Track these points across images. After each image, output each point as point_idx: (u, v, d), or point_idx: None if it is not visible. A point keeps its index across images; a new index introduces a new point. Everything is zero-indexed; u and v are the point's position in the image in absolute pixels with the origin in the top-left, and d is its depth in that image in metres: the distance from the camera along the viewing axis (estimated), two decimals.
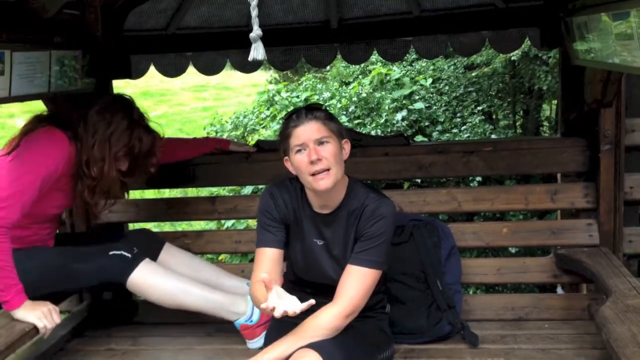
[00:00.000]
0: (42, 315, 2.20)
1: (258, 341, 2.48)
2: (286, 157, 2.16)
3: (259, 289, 2.01)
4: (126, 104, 2.48)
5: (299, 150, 2.07)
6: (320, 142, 2.06)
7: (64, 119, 2.43)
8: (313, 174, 2.05)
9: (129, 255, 2.44)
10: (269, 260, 2.17)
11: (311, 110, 2.11)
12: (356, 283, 2.08)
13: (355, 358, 2.04)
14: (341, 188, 2.17)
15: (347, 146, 2.16)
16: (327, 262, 2.20)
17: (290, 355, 1.98)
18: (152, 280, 2.44)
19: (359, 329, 2.13)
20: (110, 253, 2.44)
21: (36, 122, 2.41)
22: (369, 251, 2.10)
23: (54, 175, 2.32)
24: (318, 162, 2.03)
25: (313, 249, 2.22)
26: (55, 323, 2.25)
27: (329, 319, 2.04)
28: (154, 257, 2.61)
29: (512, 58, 6.86)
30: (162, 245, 2.70)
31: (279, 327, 2.18)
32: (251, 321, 2.49)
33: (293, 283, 2.32)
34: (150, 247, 2.65)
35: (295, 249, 2.25)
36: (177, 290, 2.46)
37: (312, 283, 2.24)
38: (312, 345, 1.97)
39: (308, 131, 2.06)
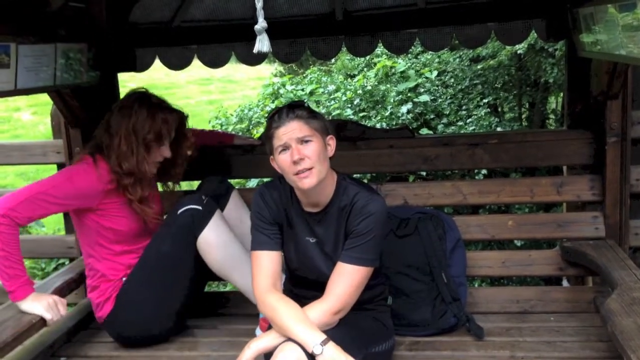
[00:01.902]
0: (48, 307, 2.22)
1: None
2: (272, 157, 2.14)
3: (278, 305, 2.03)
4: (140, 94, 2.51)
5: (282, 151, 2.06)
6: (302, 141, 2.04)
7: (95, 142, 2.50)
8: (297, 174, 2.03)
9: (200, 207, 2.44)
10: (268, 264, 2.14)
11: (292, 109, 2.08)
12: (344, 280, 2.06)
13: (344, 350, 1.95)
14: (329, 185, 2.14)
15: (332, 142, 2.14)
16: (321, 259, 2.19)
17: (275, 347, 1.96)
18: (217, 242, 2.46)
19: (350, 321, 2.11)
20: (179, 212, 2.45)
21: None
22: (357, 248, 2.07)
23: (88, 196, 2.39)
24: (301, 162, 2.02)
25: (306, 247, 2.21)
26: (61, 314, 2.27)
27: (316, 315, 2.02)
28: (222, 207, 2.65)
29: (518, 50, 6.82)
30: (229, 193, 2.73)
31: None
32: None
33: (290, 281, 2.32)
34: (220, 195, 2.68)
35: (289, 248, 2.24)
36: (233, 265, 2.48)
37: (307, 280, 2.23)
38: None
39: (290, 131, 2.04)
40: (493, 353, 2.36)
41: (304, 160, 2.02)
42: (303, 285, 2.25)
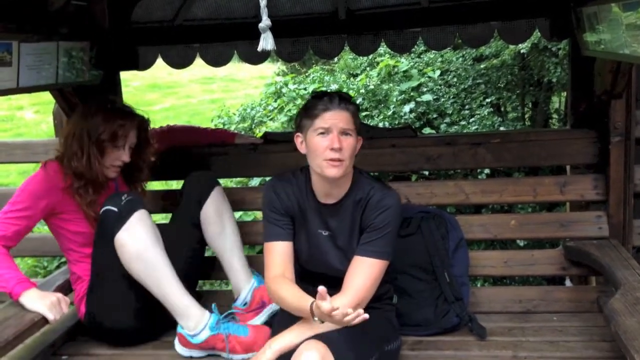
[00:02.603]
0: (51, 305, 2.22)
1: (188, 352, 2.45)
2: (299, 134, 2.15)
3: (284, 287, 2.07)
4: (101, 99, 2.53)
5: (321, 133, 2.07)
6: (344, 133, 2.07)
7: None
8: (329, 159, 2.05)
9: (115, 208, 2.36)
10: (280, 255, 2.18)
11: (344, 99, 2.10)
12: (363, 274, 2.09)
13: (362, 349, 2.03)
14: (347, 178, 2.18)
15: (359, 144, 2.17)
16: (333, 252, 2.20)
17: (297, 346, 1.98)
18: (130, 245, 2.34)
19: (365, 320, 2.12)
20: (100, 213, 2.41)
21: None
22: (375, 242, 2.10)
23: (44, 202, 2.40)
24: (338, 151, 2.04)
25: (318, 239, 2.22)
26: (64, 313, 2.27)
27: None
28: (201, 206, 2.63)
29: (521, 50, 6.80)
30: (212, 189, 2.67)
31: (285, 316, 2.18)
32: (192, 338, 2.40)
33: (298, 275, 2.32)
34: (201, 191, 2.66)
35: (299, 241, 2.24)
36: (147, 273, 2.35)
37: (317, 274, 2.23)
38: (319, 337, 1.96)
39: (337, 118, 2.06)
40: (495, 353, 2.36)
41: (341, 151, 2.04)
42: (310, 280, 2.24)
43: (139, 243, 2.34)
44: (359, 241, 2.16)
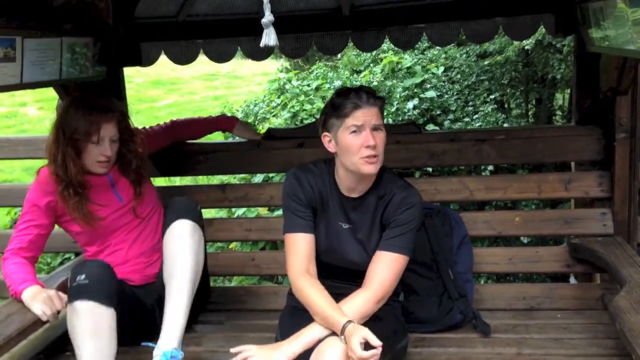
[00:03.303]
0: (43, 302, 2.17)
1: None
2: (326, 134, 2.13)
3: (314, 291, 2.07)
4: (76, 97, 2.51)
5: (354, 131, 2.05)
6: (376, 129, 2.07)
7: None
8: (365, 157, 2.04)
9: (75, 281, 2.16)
10: (303, 246, 2.16)
11: (372, 94, 2.09)
12: (386, 268, 2.10)
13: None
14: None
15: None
16: (352, 245, 2.20)
17: (319, 342, 1.98)
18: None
19: (379, 319, 2.12)
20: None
21: None
22: (399, 238, 2.11)
23: (43, 209, 2.41)
24: (374, 148, 2.04)
25: (338, 232, 2.21)
26: (57, 308, 2.19)
27: (360, 304, 2.05)
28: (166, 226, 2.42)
29: (526, 46, 6.79)
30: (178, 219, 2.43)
31: (293, 313, 2.19)
32: None
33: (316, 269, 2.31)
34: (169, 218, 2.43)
35: (319, 232, 2.23)
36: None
37: (334, 267, 2.23)
38: None
39: (369, 115, 2.05)
40: (499, 350, 2.35)
41: (376, 147, 2.04)
42: (325, 272, 2.23)
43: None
44: (378, 236, 2.16)
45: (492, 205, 5.16)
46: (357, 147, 2.04)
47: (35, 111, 11.97)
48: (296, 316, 2.15)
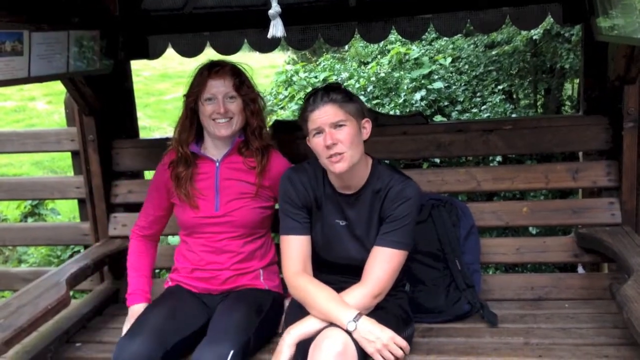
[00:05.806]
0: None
1: None
2: (307, 138, 2.17)
3: (313, 287, 2.09)
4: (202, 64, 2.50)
5: (316, 134, 2.09)
6: (336, 126, 2.06)
7: None
8: (329, 157, 2.06)
9: None
10: (297, 248, 2.18)
11: (328, 92, 2.09)
12: (383, 264, 2.10)
13: None
14: (364, 168, 2.17)
15: (367, 125, 2.16)
16: (350, 242, 2.21)
17: (317, 332, 1.99)
18: None
19: (382, 308, 2.14)
20: None
21: None
22: (395, 232, 2.11)
23: (161, 189, 2.53)
24: (333, 147, 2.04)
25: (335, 229, 2.22)
26: None
27: (357, 298, 2.06)
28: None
29: (534, 36, 6.74)
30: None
31: (299, 305, 2.19)
32: None
33: (316, 265, 2.32)
34: None
35: (315, 231, 2.25)
36: None
37: (334, 264, 2.24)
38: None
39: (324, 115, 2.06)
40: (507, 340, 2.35)
41: (337, 145, 2.04)
42: (326, 268, 2.25)
43: None
44: (377, 231, 2.16)
45: (500, 196, 5.15)
46: (321, 149, 2.07)
47: (44, 105, 12.01)
48: (303, 307, 2.15)
